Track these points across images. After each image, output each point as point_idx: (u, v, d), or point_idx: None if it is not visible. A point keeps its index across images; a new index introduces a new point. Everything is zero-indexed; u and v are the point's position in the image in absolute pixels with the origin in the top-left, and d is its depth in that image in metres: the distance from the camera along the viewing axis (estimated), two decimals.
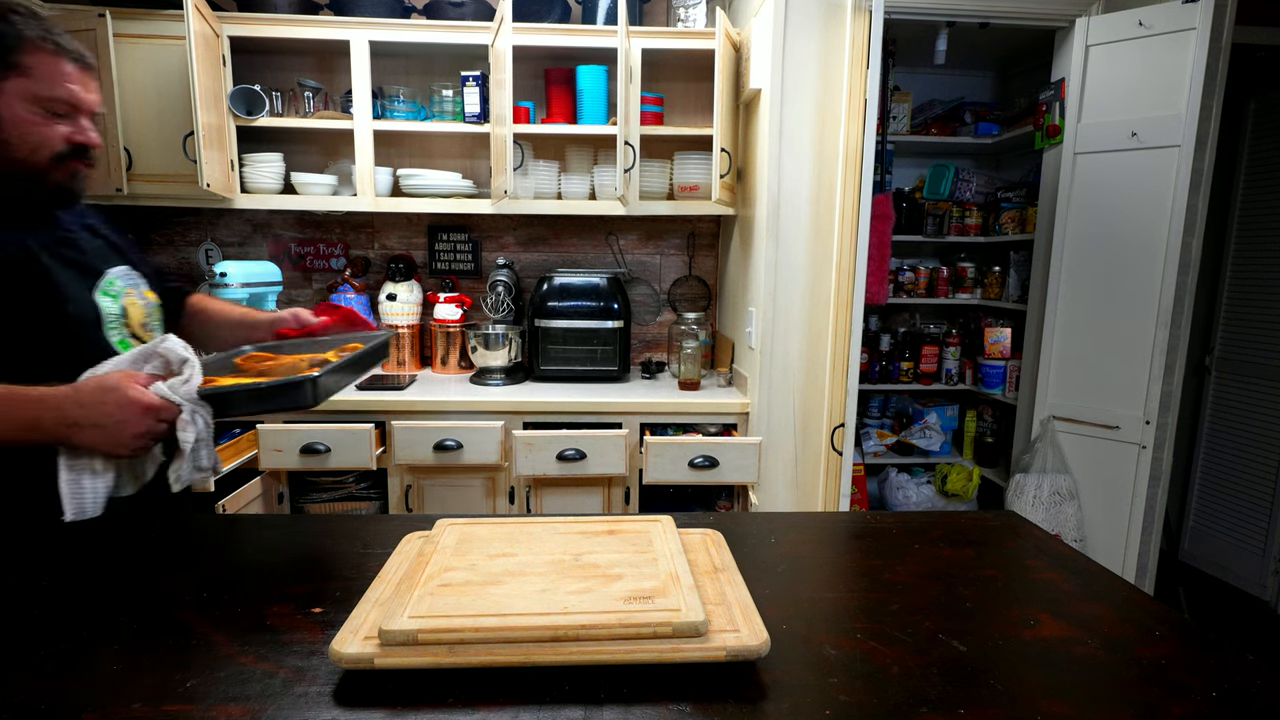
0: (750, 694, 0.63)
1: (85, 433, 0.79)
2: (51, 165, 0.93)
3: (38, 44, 0.90)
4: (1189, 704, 0.63)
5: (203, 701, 0.60)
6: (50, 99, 0.91)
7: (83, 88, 0.94)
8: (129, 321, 0.98)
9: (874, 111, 1.78)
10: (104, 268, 0.98)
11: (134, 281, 1.03)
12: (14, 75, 0.89)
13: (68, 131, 0.93)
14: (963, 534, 1.02)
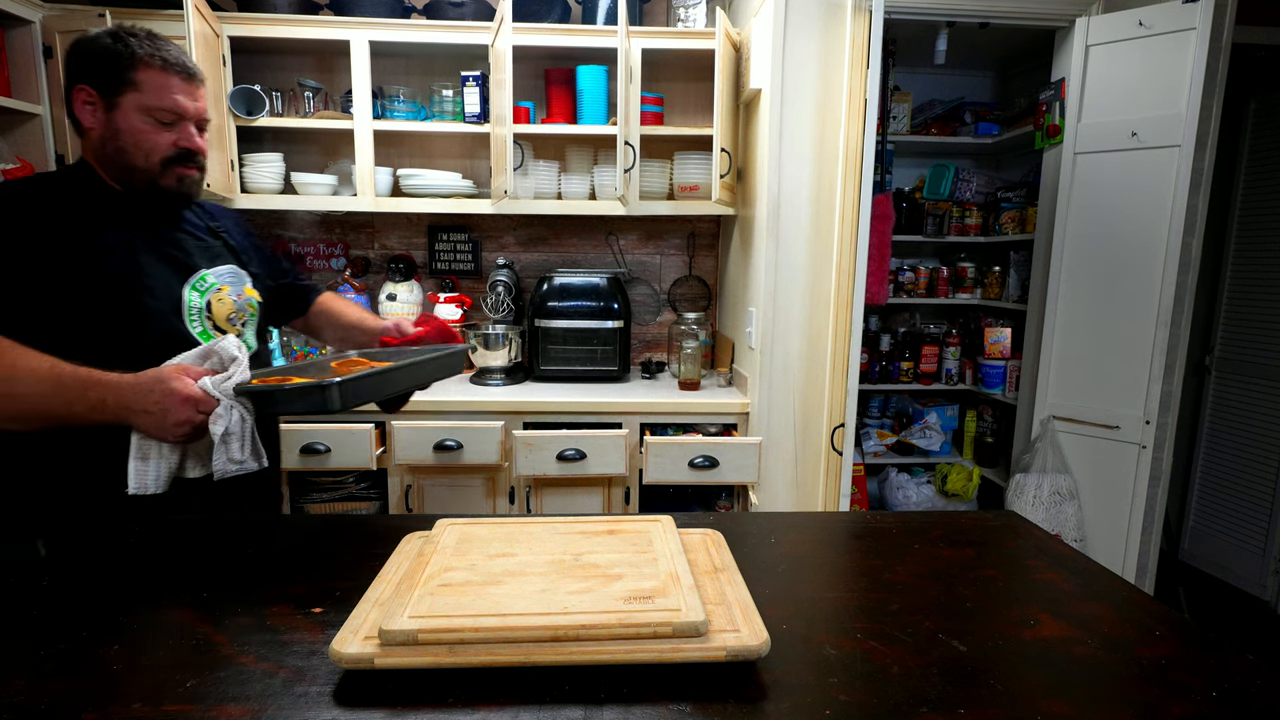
0: (750, 694, 0.63)
1: (139, 417, 0.86)
2: (162, 170, 1.03)
3: (147, 61, 1.01)
4: (1189, 704, 0.63)
5: (203, 701, 0.60)
6: (158, 109, 1.01)
7: (187, 97, 1.03)
8: (212, 315, 1.07)
9: (874, 111, 1.78)
10: (205, 265, 1.08)
11: (234, 280, 1.12)
12: (129, 91, 1.00)
13: (174, 138, 1.03)
14: (963, 534, 1.02)
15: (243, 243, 1.20)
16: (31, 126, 2.10)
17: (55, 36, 2.06)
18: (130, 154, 1.02)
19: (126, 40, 1.01)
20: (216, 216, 1.19)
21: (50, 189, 1.02)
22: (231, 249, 1.16)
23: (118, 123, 1.01)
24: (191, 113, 1.04)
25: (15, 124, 2.10)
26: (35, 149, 2.10)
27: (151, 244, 1.04)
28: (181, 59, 1.04)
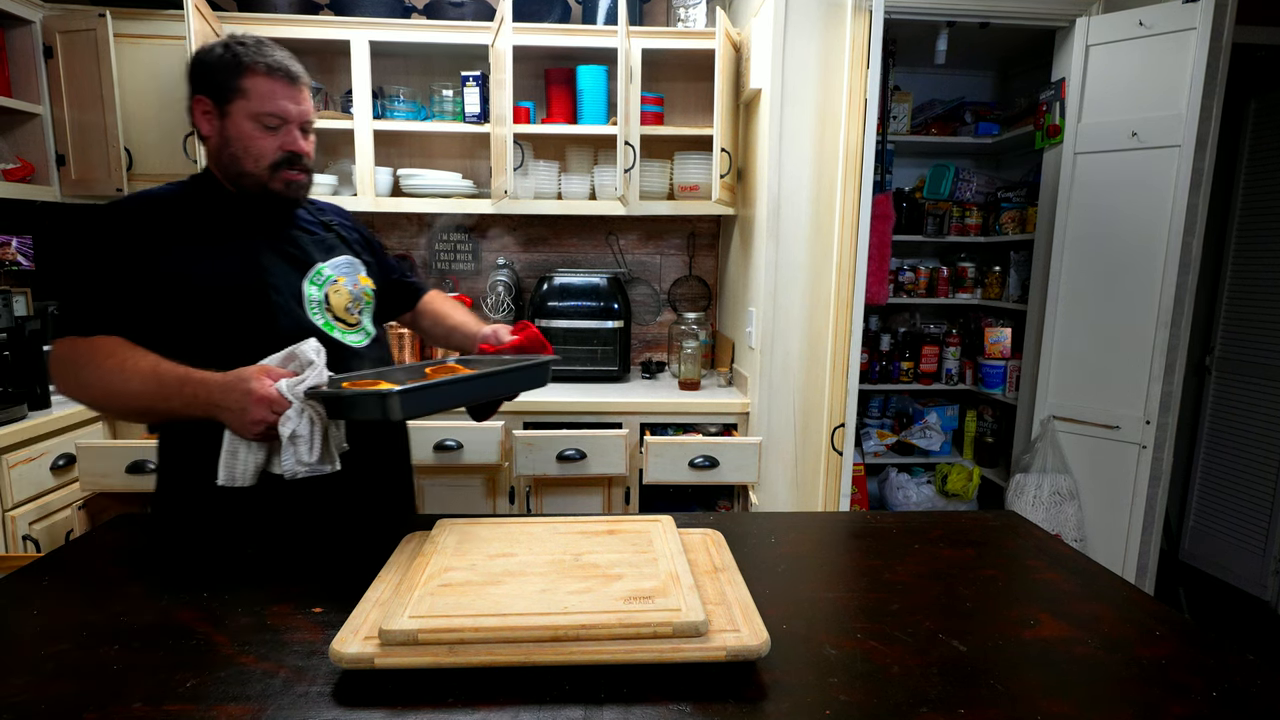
0: (750, 694, 0.63)
1: (224, 414, 0.90)
2: (270, 173, 1.07)
3: (252, 68, 1.04)
4: (1189, 704, 0.63)
5: (203, 701, 0.60)
6: (263, 114, 1.05)
7: (290, 101, 1.06)
8: (331, 306, 1.12)
9: (874, 111, 1.78)
10: (321, 259, 1.13)
11: (349, 270, 1.16)
12: (238, 98, 1.04)
13: (279, 142, 1.06)
14: (963, 534, 1.02)
15: (352, 235, 1.24)
16: (32, 126, 2.10)
17: (55, 36, 2.06)
18: (241, 159, 1.06)
19: (235, 49, 1.05)
20: (325, 211, 1.24)
21: (176, 197, 1.08)
22: (344, 240, 1.21)
23: (229, 130, 1.06)
24: (294, 116, 1.07)
25: (16, 124, 2.10)
26: (35, 149, 2.11)
27: (270, 243, 1.09)
28: (285, 63, 1.07)
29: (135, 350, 0.96)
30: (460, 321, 1.33)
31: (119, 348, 0.97)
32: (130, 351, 0.96)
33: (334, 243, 1.19)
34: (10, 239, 2.11)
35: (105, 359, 0.95)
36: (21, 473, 1.70)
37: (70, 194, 2.15)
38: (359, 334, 1.15)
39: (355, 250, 1.21)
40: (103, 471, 1.67)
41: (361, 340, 1.15)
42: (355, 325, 1.14)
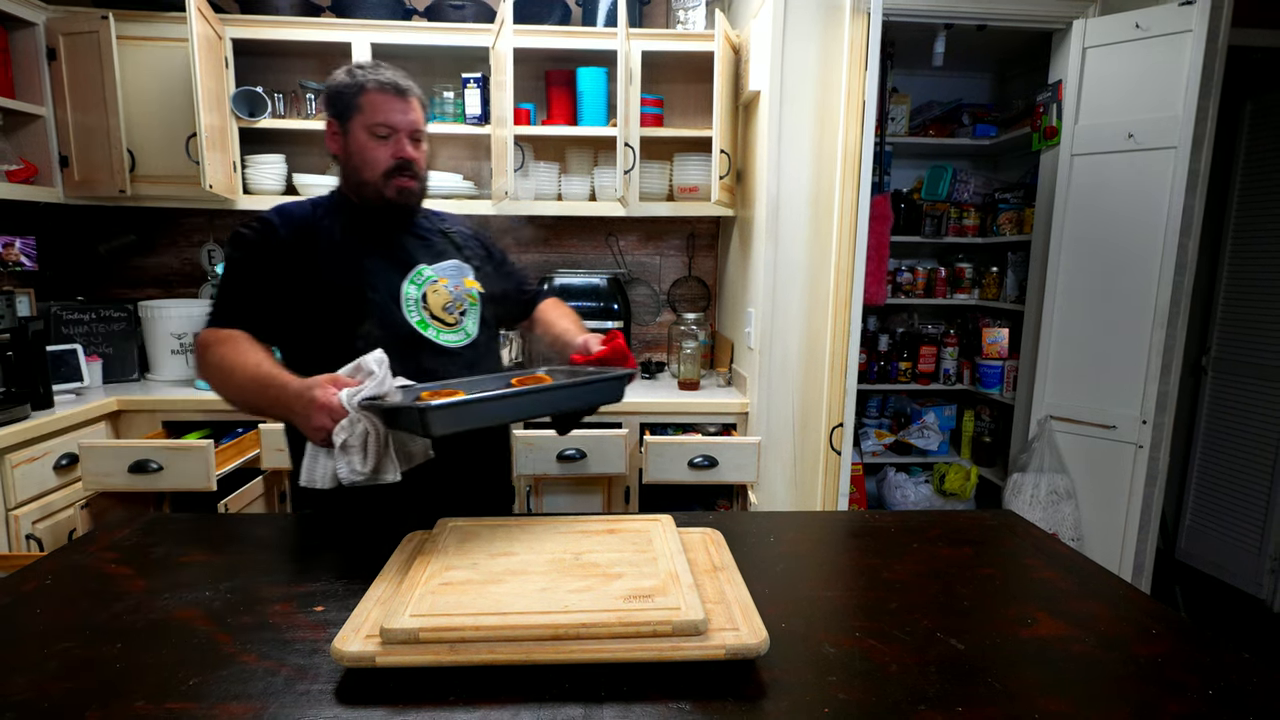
0: (749, 692, 0.63)
1: (295, 418, 0.95)
2: (384, 181, 1.14)
3: (366, 85, 1.14)
4: (1185, 702, 0.63)
5: (205, 699, 0.61)
6: (375, 125, 1.13)
7: (399, 112, 1.14)
8: (428, 305, 1.17)
9: (872, 113, 1.79)
10: (426, 262, 1.19)
11: (455, 273, 1.21)
12: (356, 114, 1.14)
13: (391, 150, 1.14)
14: (961, 533, 1.02)
15: (469, 242, 1.31)
16: (35, 128, 2.10)
17: (58, 38, 2.06)
18: (360, 170, 1.15)
19: (354, 72, 1.16)
20: (446, 220, 1.32)
21: (311, 210, 1.19)
22: (456, 245, 1.26)
23: (350, 145, 1.15)
24: (403, 125, 1.14)
25: (19, 125, 2.10)
26: (39, 150, 2.11)
27: (380, 248, 1.17)
28: (394, 78, 1.15)
29: (251, 347, 1.05)
30: (562, 330, 1.33)
31: (239, 342, 1.06)
32: (246, 347, 1.05)
33: (444, 247, 1.24)
34: (13, 240, 2.11)
35: (224, 350, 1.05)
36: (25, 472, 1.70)
37: (73, 195, 2.16)
38: (457, 334, 1.19)
39: (467, 255, 1.26)
40: (105, 471, 1.68)
41: (459, 340, 1.19)
42: (454, 325, 1.18)
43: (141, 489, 1.69)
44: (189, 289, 2.50)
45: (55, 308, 2.16)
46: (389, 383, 0.94)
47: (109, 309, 2.21)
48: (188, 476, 1.69)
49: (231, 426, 2.06)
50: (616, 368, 1.08)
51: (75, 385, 2.00)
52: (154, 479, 1.68)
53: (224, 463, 1.78)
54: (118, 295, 2.48)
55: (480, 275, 1.27)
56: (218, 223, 2.49)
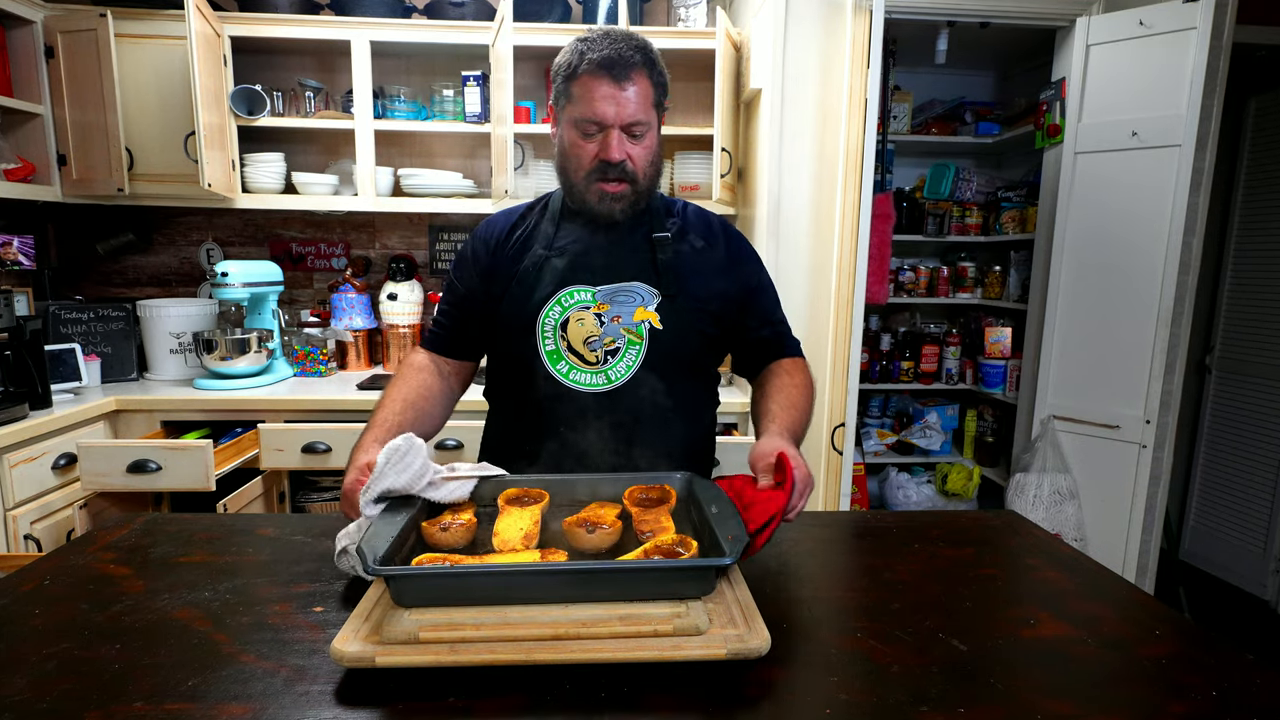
0: (751, 692, 0.63)
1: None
2: (586, 185, 0.99)
3: (579, 67, 0.95)
4: (1189, 703, 0.63)
5: (204, 700, 0.60)
6: (582, 120, 0.96)
7: (610, 102, 0.94)
8: (567, 334, 1.00)
9: (874, 111, 1.78)
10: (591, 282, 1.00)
11: (623, 299, 1.00)
12: (568, 104, 0.98)
13: (595, 150, 0.97)
14: (963, 533, 1.02)
15: (699, 260, 1.03)
16: (33, 126, 2.10)
17: (57, 36, 2.06)
18: (568, 170, 1.00)
19: (575, 47, 0.97)
20: (687, 227, 1.06)
21: (509, 218, 1.09)
22: (657, 266, 1.01)
23: (562, 140, 1.00)
24: (611, 119, 0.94)
25: (17, 124, 2.10)
26: (37, 149, 2.11)
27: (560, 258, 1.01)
28: (608, 52, 0.93)
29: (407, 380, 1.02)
30: (765, 411, 1.00)
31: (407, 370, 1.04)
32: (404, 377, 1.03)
33: (644, 264, 1.01)
34: (12, 239, 2.11)
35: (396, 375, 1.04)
36: (23, 472, 1.70)
37: (71, 194, 2.16)
38: (595, 376, 0.99)
39: (665, 281, 1.00)
40: (104, 471, 1.68)
41: (595, 384, 0.99)
42: (594, 365, 0.99)
43: (140, 489, 1.69)
44: (188, 288, 2.50)
45: (53, 307, 2.16)
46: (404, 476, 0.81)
47: (107, 308, 2.21)
48: (186, 476, 1.69)
49: (230, 426, 2.06)
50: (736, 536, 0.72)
51: (73, 385, 2.00)
52: (153, 479, 1.67)
53: (223, 463, 1.78)
54: (116, 294, 2.47)
55: (676, 309, 1.00)
56: (216, 221, 2.49)
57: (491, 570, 0.68)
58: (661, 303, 1.00)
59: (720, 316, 1.05)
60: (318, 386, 2.17)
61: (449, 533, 0.79)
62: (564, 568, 0.70)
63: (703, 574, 0.68)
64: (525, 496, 0.89)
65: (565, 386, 0.99)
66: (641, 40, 0.98)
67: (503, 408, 1.11)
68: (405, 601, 0.66)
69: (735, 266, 1.07)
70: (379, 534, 0.72)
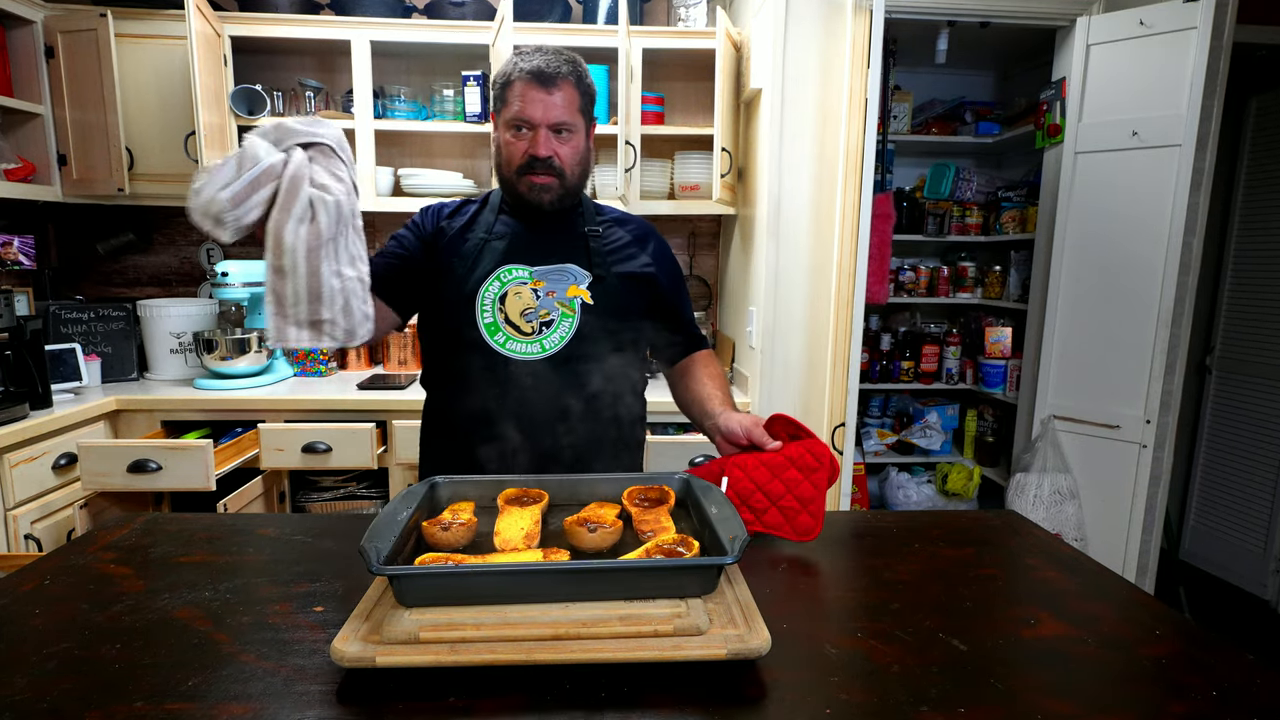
0: (751, 692, 0.63)
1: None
2: (517, 178, 1.08)
3: (513, 75, 1.07)
4: (1189, 703, 0.63)
5: (204, 700, 0.60)
6: (513, 119, 1.07)
7: (537, 105, 1.05)
8: (504, 307, 1.08)
9: (874, 111, 1.78)
10: (529, 262, 1.10)
11: (557, 277, 1.10)
12: (503, 107, 1.08)
13: (525, 145, 1.07)
14: (963, 533, 1.02)
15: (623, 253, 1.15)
16: (33, 126, 2.10)
17: (57, 36, 2.06)
18: (502, 167, 1.10)
19: (510, 62, 1.08)
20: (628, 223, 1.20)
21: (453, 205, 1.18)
22: (589, 251, 1.12)
23: (498, 139, 1.11)
24: (535, 119, 1.05)
25: (17, 124, 2.10)
26: (37, 148, 2.11)
27: (495, 242, 1.11)
28: (538, 63, 1.05)
29: None
30: (705, 395, 1.14)
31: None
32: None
33: (573, 250, 1.12)
34: (12, 238, 2.11)
35: None
36: (23, 472, 1.70)
37: (71, 194, 2.16)
38: (530, 345, 1.07)
39: (601, 263, 1.12)
40: (104, 471, 1.68)
41: (532, 353, 1.07)
42: (529, 335, 1.08)
43: (140, 489, 1.69)
44: (188, 288, 2.50)
45: (54, 307, 2.16)
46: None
47: (107, 308, 2.21)
48: (187, 476, 1.69)
49: (230, 426, 2.06)
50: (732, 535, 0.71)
51: (74, 385, 2.00)
52: (153, 479, 1.67)
53: (223, 462, 1.78)
54: (116, 294, 2.47)
55: (605, 289, 1.10)
56: None
57: (498, 569, 0.68)
58: (592, 282, 1.11)
59: (645, 300, 1.17)
60: (318, 386, 2.17)
61: (450, 532, 0.79)
62: (570, 567, 0.70)
63: (705, 573, 0.69)
64: (525, 496, 0.90)
65: (502, 355, 1.07)
66: (571, 55, 1.10)
67: (441, 387, 1.17)
68: (408, 601, 0.66)
69: (659, 262, 1.19)
70: (381, 534, 0.73)
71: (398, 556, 0.72)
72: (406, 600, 0.66)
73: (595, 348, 1.10)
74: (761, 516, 0.95)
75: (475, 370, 1.07)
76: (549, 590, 0.67)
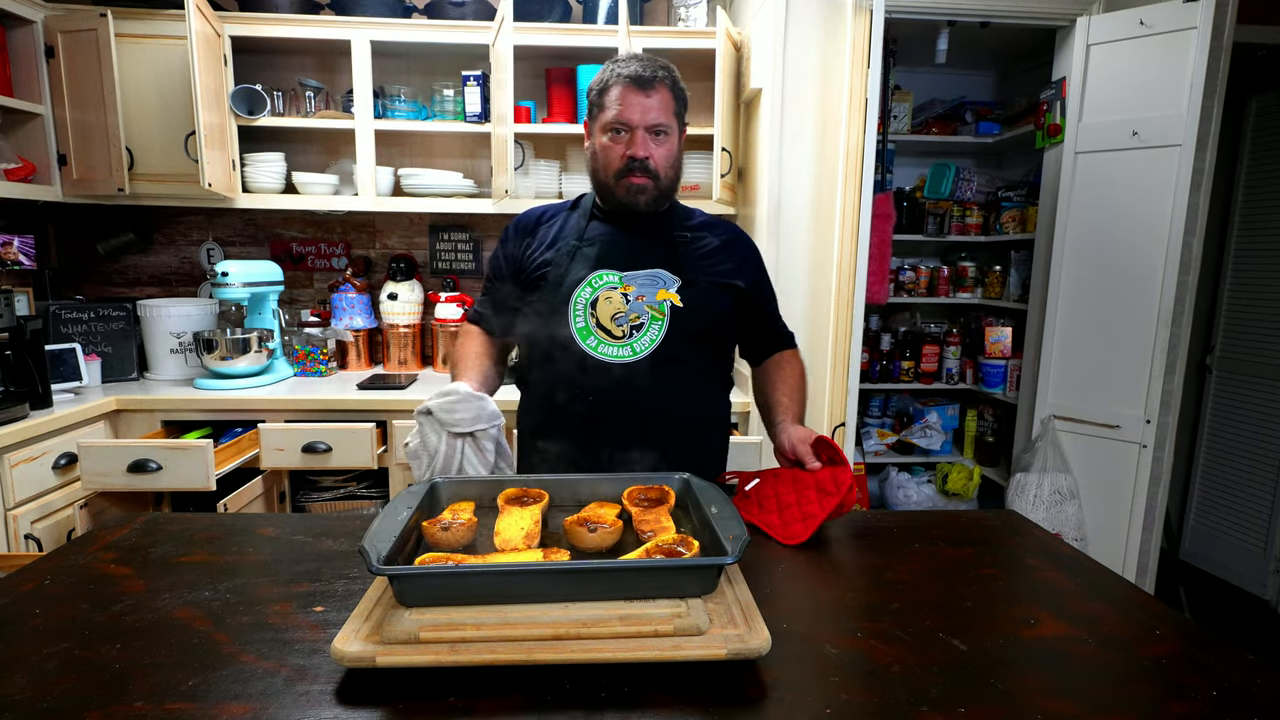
0: (751, 693, 0.63)
1: None
2: (615, 181, 1.11)
3: (611, 80, 1.10)
4: (1189, 703, 0.63)
5: (204, 700, 0.60)
6: (610, 123, 1.10)
7: (635, 108, 1.08)
8: (596, 312, 1.10)
9: (875, 111, 1.78)
10: (620, 267, 1.12)
11: (647, 282, 1.11)
12: (600, 113, 1.11)
13: (623, 149, 1.09)
14: (963, 533, 1.02)
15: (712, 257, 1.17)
16: (33, 126, 2.10)
17: (57, 36, 2.06)
18: (599, 171, 1.13)
19: (609, 68, 1.11)
20: (703, 229, 1.21)
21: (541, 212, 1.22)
22: (678, 256, 1.14)
23: (594, 146, 1.13)
24: (633, 121, 1.08)
25: (17, 124, 2.10)
26: (37, 148, 2.11)
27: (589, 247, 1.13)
28: (636, 69, 1.08)
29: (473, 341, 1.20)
30: (775, 402, 1.19)
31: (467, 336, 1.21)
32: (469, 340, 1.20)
33: (663, 254, 1.13)
34: (12, 238, 2.11)
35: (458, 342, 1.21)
36: (23, 472, 1.70)
37: (71, 194, 2.16)
38: (621, 349, 1.09)
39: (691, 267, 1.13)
40: (104, 471, 1.68)
41: (623, 356, 1.09)
42: (620, 339, 1.09)
43: (140, 489, 1.69)
44: (188, 288, 2.50)
45: (54, 307, 2.16)
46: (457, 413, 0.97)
47: (108, 308, 2.21)
48: (187, 476, 1.69)
49: (230, 426, 2.06)
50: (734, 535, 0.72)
51: (74, 385, 2.00)
52: (153, 479, 1.67)
53: (223, 462, 1.78)
54: (116, 294, 2.48)
55: (694, 294, 1.12)
56: (217, 221, 2.49)
57: (498, 569, 0.68)
58: (681, 286, 1.12)
59: (733, 301, 1.17)
60: (318, 386, 2.17)
61: (450, 532, 0.79)
62: (571, 566, 0.70)
63: (705, 573, 0.69)
64: (525, 496, 0.90)
65: (594, 358, 1.09)
66: (665, 61, 1.12)
67: (535, 387, 1.19)
68: (409, 601, 0.66)
69: (746, 263, 1.21)
70: (381, 534, 0.73)
71: (398, 556, 0.72)
72: (406, 600, 0.66)
73: (684, 350, 1.11)
74: (763, 514, 1.00)
75: (567, 371, 1.10)
76: (549, 590, 0.67)
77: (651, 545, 0.75)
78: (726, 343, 1.22)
